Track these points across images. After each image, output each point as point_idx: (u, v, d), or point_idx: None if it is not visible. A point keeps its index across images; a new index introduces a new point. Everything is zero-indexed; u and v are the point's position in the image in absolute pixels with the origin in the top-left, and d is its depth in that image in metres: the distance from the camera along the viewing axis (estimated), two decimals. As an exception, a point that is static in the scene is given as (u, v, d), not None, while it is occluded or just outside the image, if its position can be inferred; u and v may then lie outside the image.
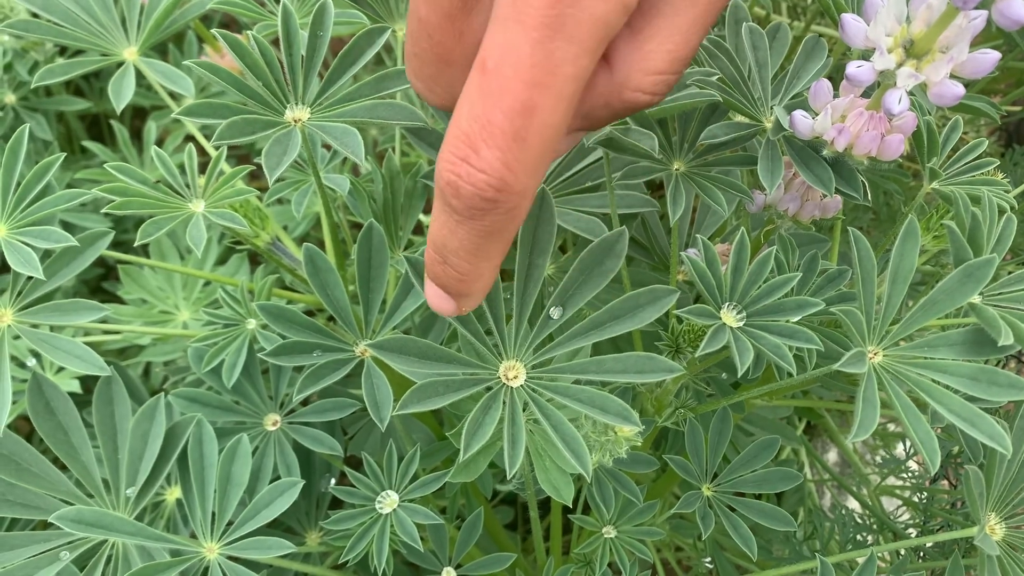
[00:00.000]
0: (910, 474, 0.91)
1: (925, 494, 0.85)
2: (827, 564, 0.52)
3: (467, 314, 0.45)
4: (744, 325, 0.48)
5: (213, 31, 0.47)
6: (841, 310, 0.46)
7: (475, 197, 0.32)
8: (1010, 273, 0.50)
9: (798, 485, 0.93)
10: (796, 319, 0.49)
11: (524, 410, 0.44)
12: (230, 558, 0.52)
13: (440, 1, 0.34)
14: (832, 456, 1.17)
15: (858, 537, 0.81)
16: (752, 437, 0.76)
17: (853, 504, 1.07)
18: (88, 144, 0.98)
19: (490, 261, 0.36)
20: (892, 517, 0.88)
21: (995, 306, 0.46)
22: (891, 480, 1.03)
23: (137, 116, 1.27)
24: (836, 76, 0.52)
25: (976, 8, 0.39)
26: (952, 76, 0.43)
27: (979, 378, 0.44)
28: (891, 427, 1.05)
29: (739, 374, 0.45)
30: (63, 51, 1.01)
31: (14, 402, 0.70)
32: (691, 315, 0.47)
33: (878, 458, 1.01)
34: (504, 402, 0.44)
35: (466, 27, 0.34)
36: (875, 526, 0.82)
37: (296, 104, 0.45)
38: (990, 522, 0.51)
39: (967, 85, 0.44)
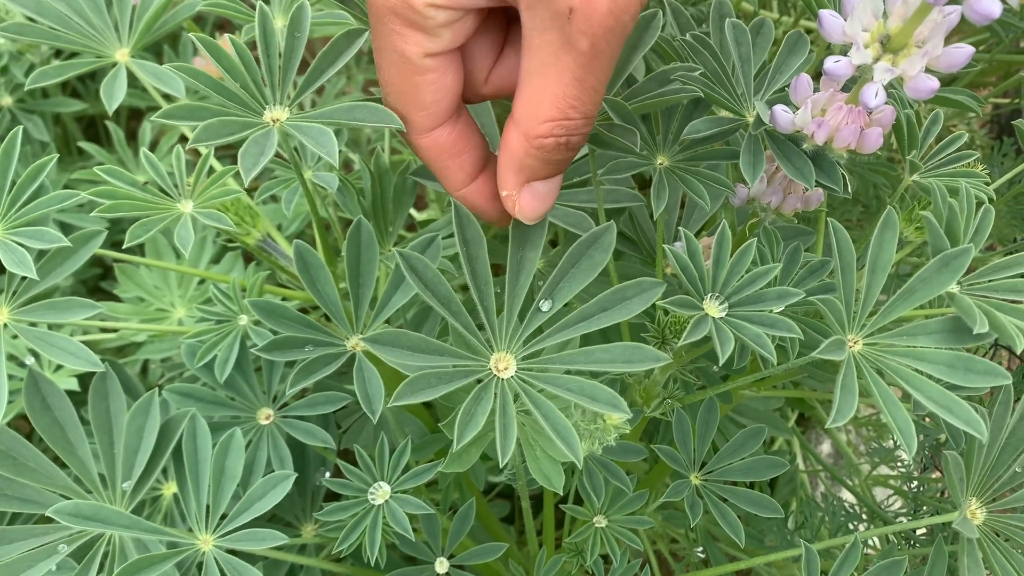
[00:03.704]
0: (901, 463, 0.92)
1: (915, 483, 0.86)
2: (812, 550, 0.53)
3: (459, 307, 0.47)
4: (727, 315, 0.49)
5: (191, 35, 0.47)
6: (820, 299, 0.47)
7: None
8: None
9: (791, 476, 0.94)
10: (778, 309, 0.49)
11: (515, 400, 0.45)
12: (225, 550, 0.53)
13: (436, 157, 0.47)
14: (825, 447, 1.17)
15: (849, 526, 0.81)
16: (743, 428, 0.77)
17: (846, 495, 1.08)
18: (84, 145, 0.99)
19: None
20: (884, 506, 0.88)
21: (973, 295, 0.47)
22: (885, 470, 1.03)
23: (134, 117, 1.28)
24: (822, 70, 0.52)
25: (950, 4, 0.40)
26: (928, 70, 0.44)
27: (956, 365, 0.45)
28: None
29: (720, 362, 0.46)
30: (59, 53, 1.01)
31: (10, 401, 0.71)
32: (674, 306, 0.48)
33: (872, 447, 1.01)
34: (495, 393, 0.45)
35: (462, 161, 0.47)
36: (866, 515, 0.83)
37: (275, 105, 0.46)
38: (971, 507, 0.52)
39: (954, 79, 0.45)
